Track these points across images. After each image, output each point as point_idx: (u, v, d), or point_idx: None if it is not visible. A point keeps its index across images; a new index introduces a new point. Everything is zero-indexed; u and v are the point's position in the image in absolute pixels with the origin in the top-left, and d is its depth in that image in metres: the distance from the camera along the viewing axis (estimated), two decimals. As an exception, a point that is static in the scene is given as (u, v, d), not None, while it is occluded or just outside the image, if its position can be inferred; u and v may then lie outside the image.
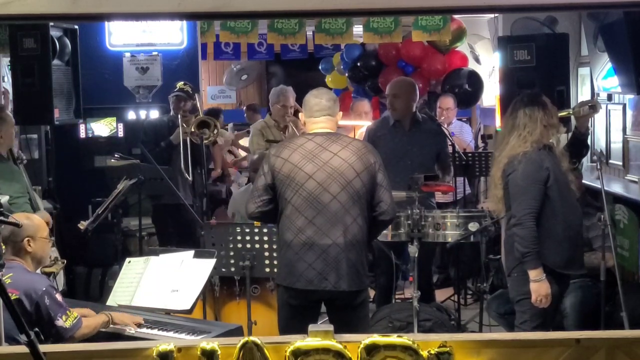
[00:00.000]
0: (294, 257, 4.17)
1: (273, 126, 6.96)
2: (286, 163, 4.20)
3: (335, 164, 4.18)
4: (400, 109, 6.17)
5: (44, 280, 4.16)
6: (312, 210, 4.15)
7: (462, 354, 2.73)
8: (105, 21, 6.26)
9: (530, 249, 4.37)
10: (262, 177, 4.26)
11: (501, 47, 6.06)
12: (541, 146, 4.50)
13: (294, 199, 4.17)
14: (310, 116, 4.34)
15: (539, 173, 4.45)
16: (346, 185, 4.17)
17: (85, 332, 4.05)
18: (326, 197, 4.15)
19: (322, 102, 4.32)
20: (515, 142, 4.52)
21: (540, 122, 4.52)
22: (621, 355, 2.75)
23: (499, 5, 2.92)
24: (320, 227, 4.14)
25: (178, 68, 7.66)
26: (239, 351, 2.70)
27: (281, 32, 7.15)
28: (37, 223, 4.25)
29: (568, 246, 4.50)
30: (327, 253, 4.13)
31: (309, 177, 4.16)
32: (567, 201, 4.52)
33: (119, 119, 7.67)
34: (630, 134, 6.57)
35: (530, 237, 4.38)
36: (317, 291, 4.16)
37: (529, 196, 4.44)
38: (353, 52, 9.46)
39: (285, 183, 4.19)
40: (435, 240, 5.35)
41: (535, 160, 4.47)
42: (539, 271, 4.37)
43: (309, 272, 4.14)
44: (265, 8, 2.67)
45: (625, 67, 5.71)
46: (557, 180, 4.47)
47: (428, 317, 5.46)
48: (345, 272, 4.14)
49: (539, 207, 4.42)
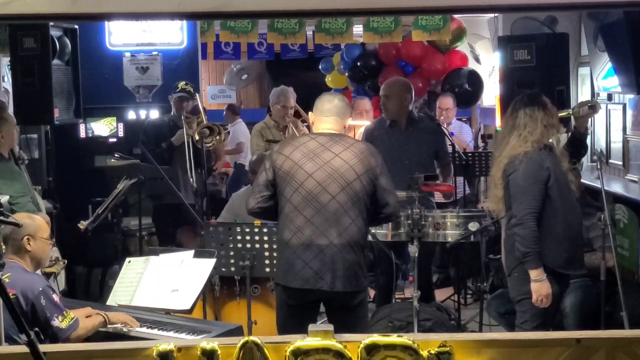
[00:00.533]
0: (291, 255, 4.18)
1: (273, 126, 6.96)
2: (287, 160, 4.21)
3: (336, 165, 4.18)
4: (392, 109, 6.17)
5: (42, 281, 4.16)
6: (310, 210, 4.15)
7: (462, 354, 2.73)
8: (105, 21, 6.26)
9: (531, 249, 4.37)
10: (264, 173, 4.28)
11: (501, 47, 6.06)
12: (542, 146, 4.50)
13: (293, 197, 4.17)
14: (320, 114, 4.37)
15: (540, 173, 4.45)
16: (346, 186, 4.17)
17: (81, 333, 4.04)
18: (325, 196, 4.15)
19: (335, 101, 4.37)
20: (515, 142, 4.52)
21: (541, 122, 4.51)
22: (621, 355, 2.75)
23: (499, 5, 2.92)
24: (318, 226, 4.14)
25: (178, 68, 7.66)
26: (239, 351, 2.70)
27: (281, 31, 7.15)
28: (38, 223, 4.26)
29: (568, 246, 4.50)
30: (324, 253, 4.13)
31: (308, 176, 4.16)
32: (568, 201, 4.52)
33: (119, 119, 7.67)
34: (630, 133, 6.57)
35: (531, 237, 4.38)
36: (313, 291, 4.16)
37: (529, 196, 4.43)
38: (353, 51, 9.46)
39: (285, 180, 4.20)
40: (435, 240, 5.35)
41: (536, 160, 4.46)
42: (540, 271, 4.37)
43: (306, 272, 4.13)
44: (265, 8, 2.67)
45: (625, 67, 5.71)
46: (558, 180, 4.47)
47: (428, 316, 5.46)
48: (341, 273, 4.14)
49: (539, 207, 4.42)
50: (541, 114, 4.53)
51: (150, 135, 7.03)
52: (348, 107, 4.46)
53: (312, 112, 4.47)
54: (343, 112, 4.37)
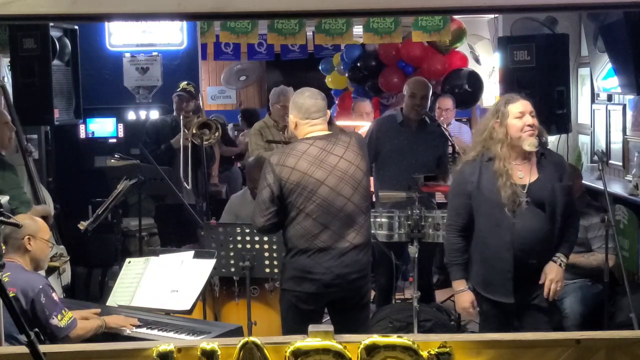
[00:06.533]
0: (309, 262, 4.13)
1: (272, 126, 6.94)
2: (294, 171, 4.11)
3: (343, 167, 4.16)
4: (418, 108, 6.10)
5: (42, 279, 4.17)
6: (327, 216, 4.12)
7: (462, 354, 2.73)
8: (105, 21, 6.26)
9: (449, 261, 4.25)
10: (268, 189, 4.13)
11: (501, 47, 6.07)
12: (481, 157, 4.16)
13: (307, 206, 4.11)
14: (307, 118, 4.21)
15: (462, 186, 4.20)
16: (357, 186, 4.17)
17: (80, 333, 4.05)
18: (340, 200, 4.13)
19: (319, 102, 4.24)
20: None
21: (489, 130, 4.13)
22: (621, 356, 2.75)
23: (499, 6, 2.92)
24: (336, 231, 4.13)
25: (178, 68, 7.66)
26: (239, 351, 2.70)
27: (281, 32, 7.15)
28: (39, 224, 4.30)
29: (485, 269, 4.16)
30: (346, 255, 4.14)
31: (321, 184, 4.11)
32: (493, 220, 4.09)
33: (119, 120, 7.66)
34: (630, 134, 6.57)
35: (450, 249, 4.24)
36: (330, 293, 4.16)
37: (450, 208, 4.29)
38: (353, 52, 9.46)
39: (296, 191, 4.11)
40: (435, 241, 5.35)
41: (462, 171, 4.21)
42: (459, 282, 4.23)
43: (327, 276, 4.13)
44: (265, 8, 2.67)
45: (625, 68, 5.71)
46: (482, 196, 4.10)
47: (428, 317, 5.47)
48: (362, 268, 4.20)
49: (462, 219, 4.17)
50: (492, 122, 4.13)
51: (151, 136, 7.03)
52: (325, 99, 4.31)
53: (292, 114, 4.26)
54: (325, 107, 4.27)
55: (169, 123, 7.07)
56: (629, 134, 6.60)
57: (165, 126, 7.08)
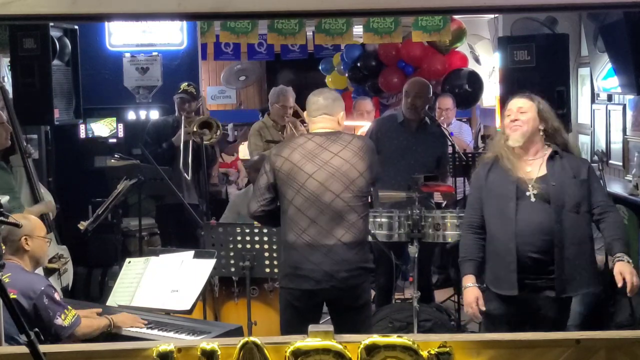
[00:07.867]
0: (299, 258, 4.16)
1: (271, 126, 6.95)
2: (286, 162, 4.19)
3: (337, 164, 4.17)
4: (419, 109, 6.11)
5: (43, 281, 4.16)
6: (314, 210, 4.14)
7: (462, 354, 2.73)
8: (105, 21, 6.26)
9: (460, 257, 4.31)
10: (264, 176, 4.26)
11: (501, 47, 6.07)
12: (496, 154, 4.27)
13: (296, 198, 4.16)
14: (309, 115, 4.36)
15: (476, 181, 4.36)
16: (349, 184, 4.17)
17: (85, 331, 4.05)
18: (328, 196, 4.15)
19: (320, 100, 4.30)
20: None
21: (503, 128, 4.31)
22: (621, 356, 2.75)
23: (499, 6, 2.92)
24: (323, 226, 4.14)
25: (178, 68, 7.66)
26: (239, 351, 2.70)
27: (281, 32, 7.16)
28: (34, 222, 4.28)
29: (492, 261, 4.23)
30: (334, 252, 4.13)
31: (309, 177, 4.15)
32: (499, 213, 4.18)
33: (119, 119, 7.66)
34: (630, 134, 6.57)
35: (462, 244, 4.32)
36: (323, 290, 4.17)
37: (467, 203, 4.42)
38: (353, 52, 9.46)
39: (286, 182, 4.18)
40: (435, 241, 5.34)
41: (479, 167, 4.36)
42: (467, 278, 4.24)
43: (317, 273, 4.14)
44: (265, 8, 2.67)
45: (625, 68, 5.72)
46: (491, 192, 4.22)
47: (428, 317, 5.46)
48: (353, 268, 4.17)
49: (476, 216, 4.28)
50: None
51: (152, 136, 7.02)
52: (337, 102, 4.34)
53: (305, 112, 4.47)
54: (332, 108, 4.29)
55: (171, 123, 7.07)
56: (629, 134, 6.61)
57: (166, 126, 7.07)
